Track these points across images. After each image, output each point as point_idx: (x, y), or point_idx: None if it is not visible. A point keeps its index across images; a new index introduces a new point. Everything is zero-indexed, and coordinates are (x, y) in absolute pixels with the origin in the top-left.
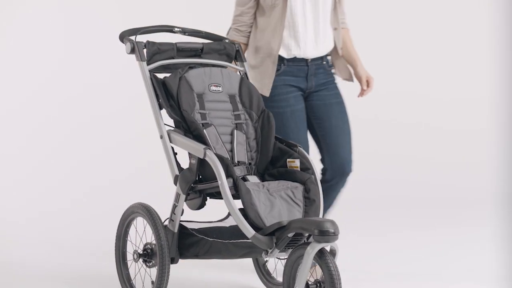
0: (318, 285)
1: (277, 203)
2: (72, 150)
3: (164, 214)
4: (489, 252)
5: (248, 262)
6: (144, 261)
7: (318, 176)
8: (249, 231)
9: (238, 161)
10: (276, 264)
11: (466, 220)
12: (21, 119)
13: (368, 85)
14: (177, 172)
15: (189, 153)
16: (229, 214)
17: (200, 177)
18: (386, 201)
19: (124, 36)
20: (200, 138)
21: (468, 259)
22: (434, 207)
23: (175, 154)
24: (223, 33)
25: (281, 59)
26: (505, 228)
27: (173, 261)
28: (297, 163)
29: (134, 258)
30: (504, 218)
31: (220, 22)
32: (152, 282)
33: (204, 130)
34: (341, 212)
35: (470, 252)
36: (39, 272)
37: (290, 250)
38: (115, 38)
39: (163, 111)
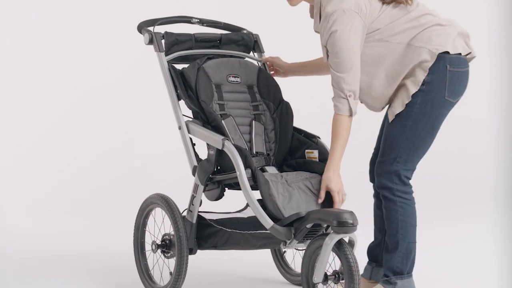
0: (337, 276)
1: (295, 194)
2: (91, 142)
3: (182, 204)
4: (488, 243)
5: (266, 253)
6: (163, 252)
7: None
8: (267, 222)
9: (257, 152)
10: (294, 255)
11: (466, 212)
12: (40, 113)
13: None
14: (195, 163)
15: (207, 144)
16: (247, 205)
17: (219, 168)
18: None
19: (142, 27)
20: (218, 129)
21: (468, 250)
22: (434, 200)
23: (193, 145)
24: (241, 24)
25: None
26: (505, 219)
27: (192, 252)
28: (315, 154)
29: (152, 249)
30: (505, 210)
31: (238, 13)
32: (170, 273)
33: (222, 120)
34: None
35: (470, 243)
36: (57, 262)
37: (308, 241)
38: (134, 29)
39: (182, 102)
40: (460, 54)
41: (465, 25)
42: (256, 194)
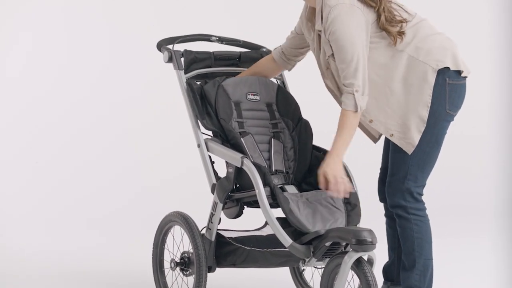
0: None
1: (318, 209)
2: (110, 159)
3: (201, 222)
4: (487, 262)
5: (285, 271)
6: (181, 270)
7: (355, 183)
8: (286, 240)
9: (276, 170)
10: (313, 273)
11: (466, 228)
12: (59, 130)
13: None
14: (214, 181)
15: (226, 162)
16: (266, 223)
17: (238, 185)
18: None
19: (161, 45)
20: (237, 147)
21: (467, 269)
22: (434, 215)
23: (212, 162)
24: (260, 42)
25: None
26: (504, 236)
27: (210, 269)
28: None
29: (171, 267)
30: (504, 226)
31: (257, 31)
32: None
33: (242, 138)
34: None
35: (470, 262)
36: (76, 279)
37: (327, 259)
38: (153, 47)
39: None
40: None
41: (465, 27)
42: (275, 212)
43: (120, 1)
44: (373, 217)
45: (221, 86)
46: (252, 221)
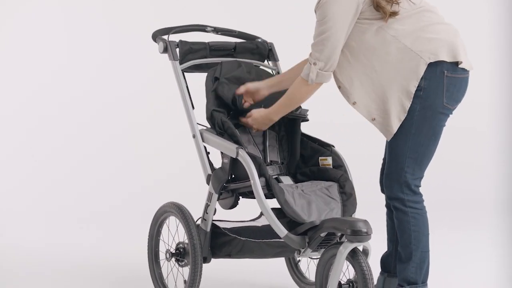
0: (351, 284)
1: (313, 199)
2: (110, 155)
3: (196, 213)
4: (488, 256)
5: (281, 261)
6: (177, 260)
7: (351, 174)
8: (281, 231)
9: (271, 161)
10: (308, 263)
11: (465, 223)
12: (59, 124)
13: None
14: (209, 172)
15: (221, 153)
16: (261, 214)
17: (233, 176)
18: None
19: (156, 36)
20: (233, 137)
21: (466, 263)
22: (433, 210)
23: (207, 153)
24: (255, 32)
25: None
26: (504, 231)
27: (206, 260)
28: (329, 160)
29: (166, 258)
30: (504, 221)
31: (253, 21)
32: (185, 282)
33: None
34: None
35: (468, 256)
36: (75, 273)
37: (322, 250)
38: (152, 46)
39: (196, 111)
40: (457, 62)
41: (465, 28)
42: (270, 203)
43: (120, 1)
44: (371, 207)
45: (217, 78)
46: (247, 211)
